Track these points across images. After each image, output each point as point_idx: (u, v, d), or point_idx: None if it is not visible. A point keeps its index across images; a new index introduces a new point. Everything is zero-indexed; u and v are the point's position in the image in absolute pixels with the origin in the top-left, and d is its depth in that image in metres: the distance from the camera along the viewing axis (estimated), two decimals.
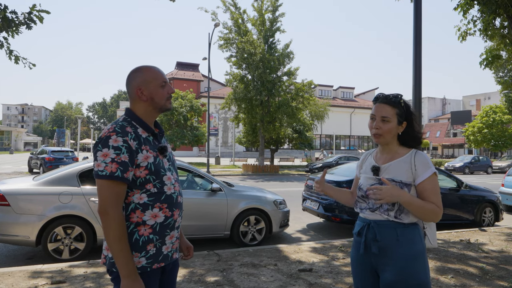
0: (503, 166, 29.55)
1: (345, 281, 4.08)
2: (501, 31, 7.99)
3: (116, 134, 1.55)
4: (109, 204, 1.52)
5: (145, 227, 1.60)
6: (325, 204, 6.95)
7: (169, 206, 1.67)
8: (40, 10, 4.31)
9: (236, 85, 24.30)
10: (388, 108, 1.84)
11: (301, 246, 5.63)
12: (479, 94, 73.45)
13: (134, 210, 1.60)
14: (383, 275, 1.81)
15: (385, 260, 1.81)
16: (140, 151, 1.59)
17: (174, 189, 1.71)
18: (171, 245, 1.71)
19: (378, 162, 1.92)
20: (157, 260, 1.63)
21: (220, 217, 5.84)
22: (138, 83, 1.68)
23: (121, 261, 1.51)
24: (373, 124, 1.88)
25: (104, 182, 1.52)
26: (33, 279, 3.91)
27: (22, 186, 5.09)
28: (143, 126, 1.67)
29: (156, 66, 1.74)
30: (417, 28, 6.04)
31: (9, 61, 4.82)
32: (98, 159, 1.53)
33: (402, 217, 1.81)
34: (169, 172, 1.70)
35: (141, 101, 1.68)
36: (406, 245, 1.78)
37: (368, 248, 1.87)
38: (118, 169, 1.52)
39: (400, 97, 1.87)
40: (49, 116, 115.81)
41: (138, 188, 1.60)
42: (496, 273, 4.49)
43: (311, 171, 23.35)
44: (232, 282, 3.96)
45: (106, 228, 1.52)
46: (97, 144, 1.56)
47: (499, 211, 7.97)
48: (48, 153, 19.33)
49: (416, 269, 1.75)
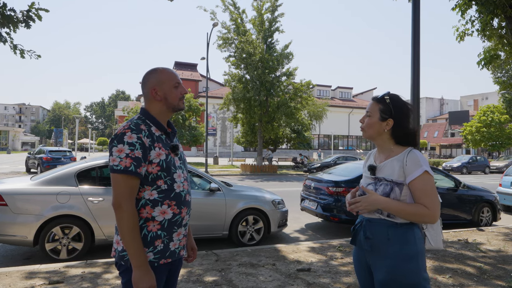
0: (500, 166, 29.64)
1: (343, 281, 4.08)
2: (499, 32, 8.01)
3: (131, 131, 1.63)
4: (123, 198, 1.58)
5: (154, 223, 1.66)
6: (324, 204, 6.95)
7: (177, 203, 1.73)
8: (39, 8, 4.29)
9: (235, 85, 24.29)
10: (373, 103, 1.89)
11: (299, 246, 5.62)
12: (477, 94, 73.67)
13: (144, 206, 1.66)
14: (375, 273, 1.82)
15: (376, 258, 1.81)
16: (153, 148, 1.66)
17: (183, 187, 1.77)
18: (178, 242, 1.76)
19: (376, 161, 1.92)
20: (165, 256, 1.69)
21: (218, 217, 5.83)
22: (153, 84, 1.75)
23: (133, 253, 1.57)
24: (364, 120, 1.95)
25: (118, 176, 1.59)
26: (31, 279, 3.89)
27: (19, 186, 5.07)
28: (156, 125, 1.74)
29: (170, 68, 1.81)
30: (415, 28, 6.05)
31: (10, 58, 4.80)
32: (113, 154, 1.60)
33: (394, 216, 1.78)
34: (179, 170, 1.77)
35: (156, 101, 1.76)
36: (398, 245, 1.75)
37: (361, 245, 1.89)
38: (132, 164, 1.59)
39: (386, 93, 1.89)
40: (46, 116, 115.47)
41: (149, 185, 1.66)
42: (494, 272, 4.50)
43: (309, 171, 23.36)
44: (230, 282, 3.95)
45: (119, 220, 1.58)
46: (113, 140, 1.63)
47: (497, 211, 7.99)
48: (45, 153, 19.27)
49: (407, 269, 1.71)
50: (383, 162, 1.87)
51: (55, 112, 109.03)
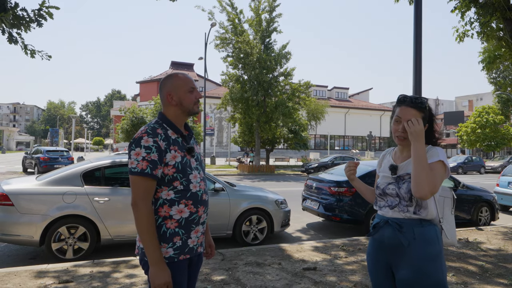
0: (495, 166, 29.92)
1: (350, 279, 4.14)
2: (497, 34, 8.12)
3: (147, 135, 1.71)
4: (139, 198, 1.67)
5: (171, 221, 1.74)
6: (325, 204, 7.02)
7: (194, 203, 1.79)
8: (49, 6, 4.31)
9: (232, 85, 24.31)
10: (415, 112, 1.87)
11: (303, 245, 5.68)
12: (472, 95, 74.28)
13: (162, 205, 1.74)
14: (399, 273, 1.85)
15: (401, 258, 1.85)
16: (168, 151, 1.74)
17: (199, 187, 1.83)
18: (197, 239, 1.84)
19: (397, 161, 1.96)
20: (184, 252, 1.77)
21: (222, 217, 5.87)
22: (169, 89, 1.84)
23: (149, 250, 1.65)
24: (399, 127, 1.89)
25: (136, 178, 1.68)
26: (40, 279, 3.91)
27: (25, 186, 5.08)
28: (173, 128, 1.81)
29: (185, 73, 1.89)
30: (417, 30, 6.14)
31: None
32: (131, 157, 1.70)
33: (421, 212, 1.85)
34: (195, 171, 1.83)
35: (171, 106, 1.84)
36: (423, 245, 1.82)
37: (384, 246, 1.92)
38: (148, 167, 1.67)
39: (426, 101, 1.91)
40: (41, 115, 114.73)
41: (166, 185, 1.74)
42: (495, 271, 4.58)
43: (307, 171, 23.43)
44: (238, 281, 4.00)
45: (136, 219, 1.67)
46: (131, 144, 1.72)
47: (495, 210, 8.09)
48: (43, 153, 19.18)
49: (432, 269, 1.79)
50: (406, 160, 1.92)
51: (50, 112, 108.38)
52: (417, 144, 1.77)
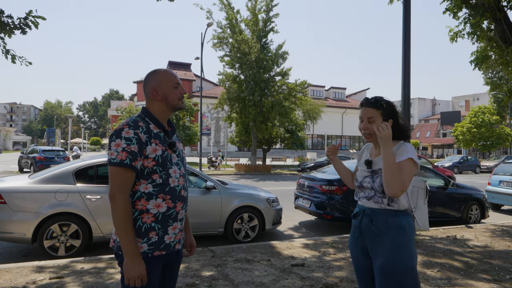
0: (491, 165, 30.06)
1: (336, 275, 4.22)
2: (488, 34, 8.22)
3: (128, 127, 1.72)
4: (117, 189, 1.67)
5: (148, 215, 1.74)
6: (317, 202, 7.10)
7: (172, 197, 1.79)
8: (36, 16, 4.38)
9: (229, 85, 24.36)
10: (372, 110, 2.07)
11: (293, 242, 5.76)
12: (468, 95, 74.51)
13: (140, 198, 1.74)
14: (375, 258, 2.03)
15: (376, 244, 2.03)
16: (149, 144, 1.74)
17: (178, 182, 1.83)
18: (174, 236, 1.82)
19: (372, 156, 2.15)
20: (159, 248, 1.76)
21: (214, 215, 5.94)
22: (154, 84, 1.85)
23: (124, 242, 1.65)
24: (361, 125, 2.12)
25: (114, 168, 1.68)
26: (31, 275, 3.97)
27: (18, 184, 5.14)
28: (155, 123, 1.82)
29: (170, 70, 1.93)
30: (406, 29, 6.22)
31: (6, 60, 4.89)
32: (111, 148, 1.70)
33: (393, 204, 2.03)
34: (176, 166, 1.84)
35: (156, 101, 1.85)
36: (395, 232, 1.99)
37: (362, 232, 2.11)
38: (127, 158, 1.68)
39: (380, 99, 2.09)
40: (38, 115, 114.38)
41: (145, 178, 1.74)
42: (480, 266, 4.67)
43: (303, 170, 23.52)
44: (227, 277, 4.07)
45: (113, 211, 1.66)
46: (112, 136, 1.73)
47: (485, 208, 8.20)
48: (39, 153, 19.20)
49: (403, 254, 1.96)
50: (379, 156, 2.07)
51: (47, 111, 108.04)
52: (385, 149, 1.95)
